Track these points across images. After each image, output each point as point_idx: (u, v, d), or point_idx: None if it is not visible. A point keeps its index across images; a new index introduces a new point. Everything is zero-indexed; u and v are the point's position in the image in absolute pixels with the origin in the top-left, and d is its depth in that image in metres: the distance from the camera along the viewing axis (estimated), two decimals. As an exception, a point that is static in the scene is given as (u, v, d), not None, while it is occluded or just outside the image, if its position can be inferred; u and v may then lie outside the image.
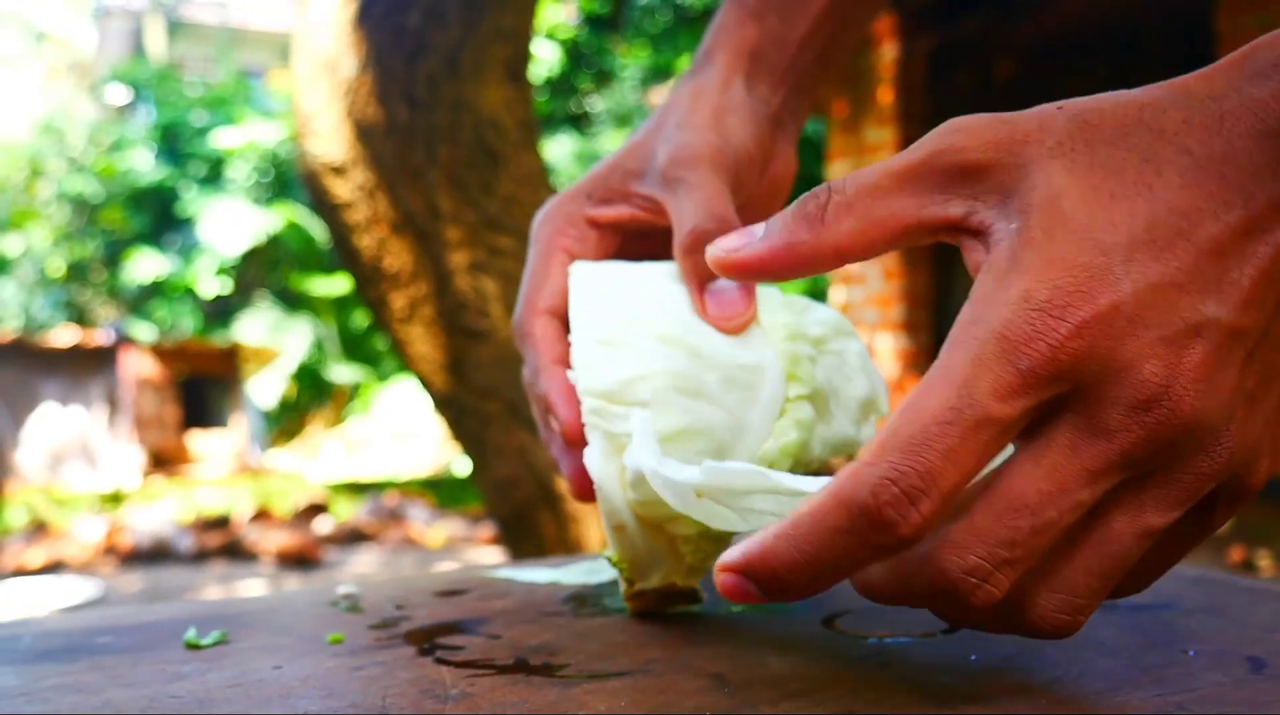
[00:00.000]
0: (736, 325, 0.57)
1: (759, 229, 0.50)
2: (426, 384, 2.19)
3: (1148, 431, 0.39)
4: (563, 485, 1.95)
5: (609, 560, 0.61)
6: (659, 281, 0.60)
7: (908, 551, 0.41)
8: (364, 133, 2.10)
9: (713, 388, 0.55)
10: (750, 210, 0.67)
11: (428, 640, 0.57)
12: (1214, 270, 0.39)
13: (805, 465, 0.59)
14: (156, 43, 18.64)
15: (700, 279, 0.58)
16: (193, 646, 0.58)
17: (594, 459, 0.57)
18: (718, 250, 0.51)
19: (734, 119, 0.66)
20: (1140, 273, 0.39)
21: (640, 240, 0.67)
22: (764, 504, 0.49)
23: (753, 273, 0.49)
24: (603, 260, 0.65)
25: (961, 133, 0.44)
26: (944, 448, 0.39)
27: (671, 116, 0.66)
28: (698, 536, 0.57)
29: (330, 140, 2.13)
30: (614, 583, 0.70)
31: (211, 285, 12.80)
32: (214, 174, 13.41)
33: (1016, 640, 0.52)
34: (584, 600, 0.65)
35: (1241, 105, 0.41)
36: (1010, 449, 0.41)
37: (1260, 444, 0.41)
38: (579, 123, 11.65)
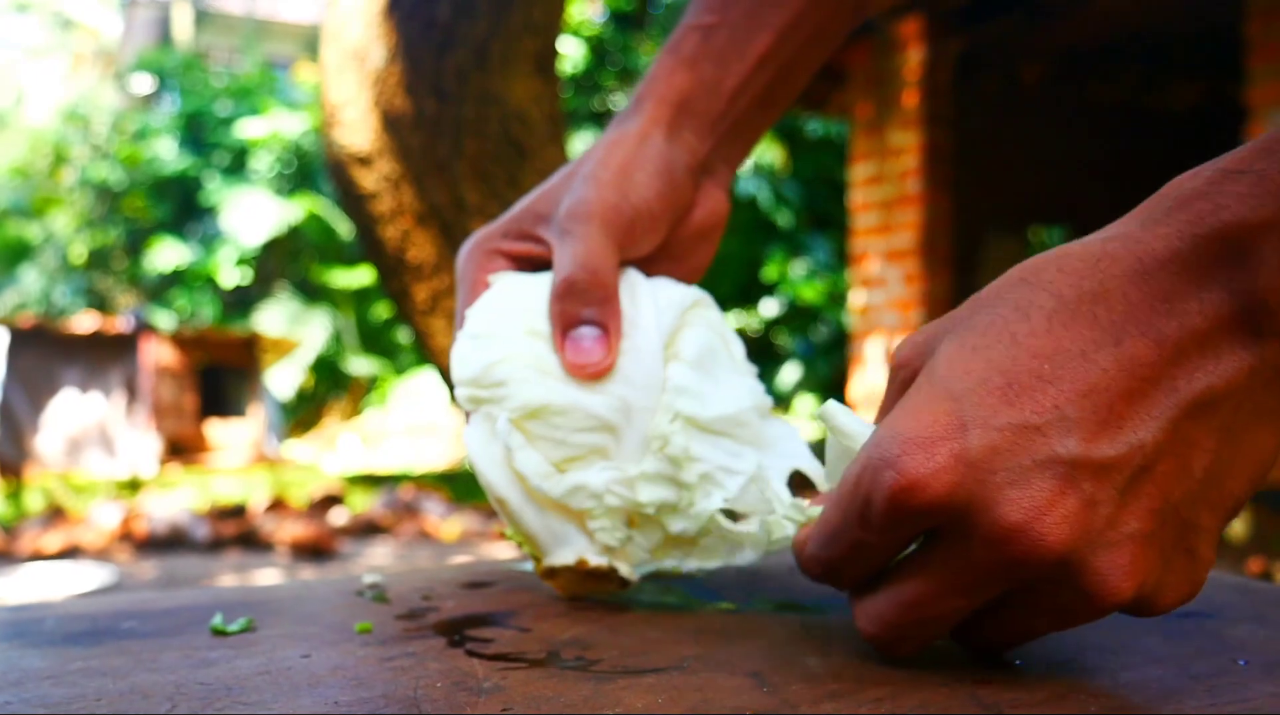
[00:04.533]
0: (591, 373, 0.59)
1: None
2: (447, 377, 2.19)
3: (1008, 562, 0.42)
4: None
5: (505, 535, 0.64)
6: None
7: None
8: (391, 123, 2.10)
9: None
10: (675, 255, 0.70)
11: (457, 632, 0.56)
12: (1079, 410, 0.41)
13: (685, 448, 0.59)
14: (183, 32, 18.71)
15: (565, 325, 0.61)
16: (219, 633, 0.57)
17: (473, 437, 0.60)
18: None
19: (641, 175, 0.67)
20: (989, 417, 0.42)
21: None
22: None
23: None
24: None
25: (901, 346, 0.50)
26: (835, 549, 0.48)
27: (584, 167, 0.68)
28: (606, 515, 0.59)
29: (357, 130, 2.12)
30: (645, 577, 0.69)
31: (232, 275, 12.85)
32: (237, 164, 13.46)
33: (1058, 647, 0.51)
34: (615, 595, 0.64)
35: (1124, 247, 0.42)
36: None
37: (1162, 576, 0.43)
38: (602, 120, 11.64)
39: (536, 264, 0.68)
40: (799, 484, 0.62)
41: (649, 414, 0.59)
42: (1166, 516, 0.42)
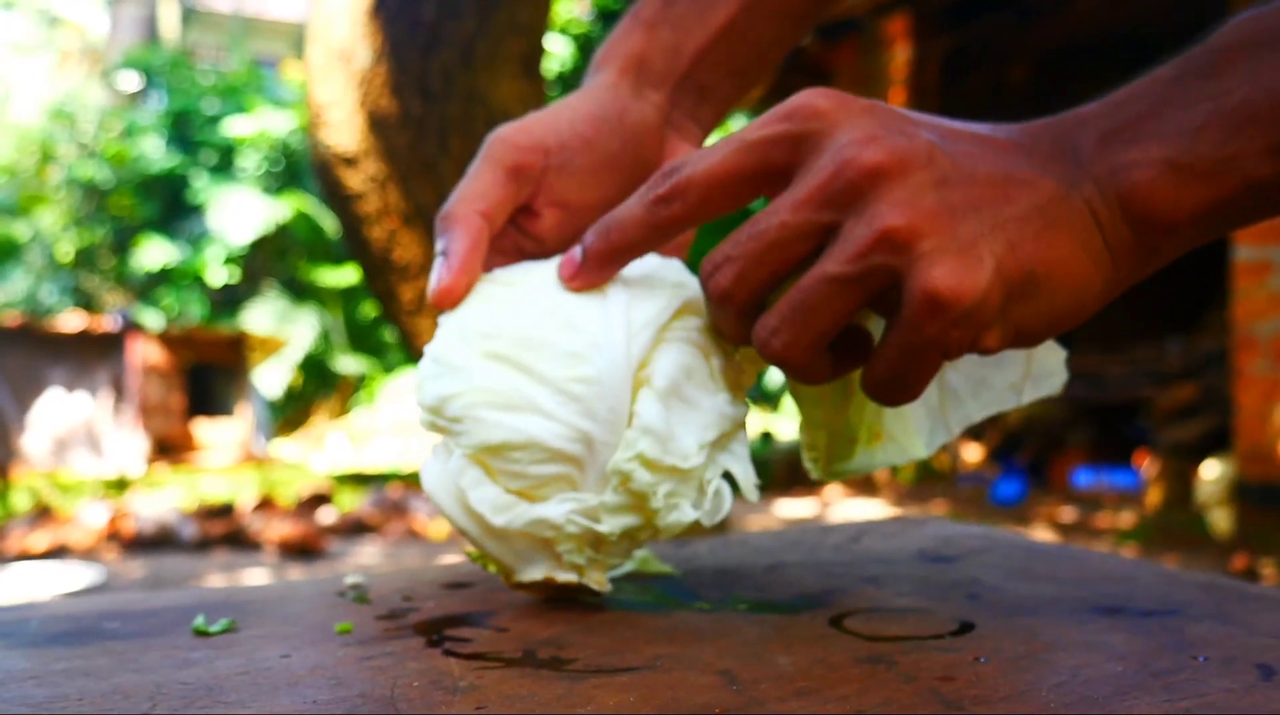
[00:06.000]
0: (433, 303, 0.61)
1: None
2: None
3: (838, 168, 0.49)
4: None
5: (471, 556, 0.63)
6: (533, 295, 0.60)
7: None
8: (377, 124, 2.10)
9: (545, 402, 0.56)
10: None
11: (436, 632, 0.57)
12: (939, 131, 0.52)
13: (652, 483, 0.57)
14: (170, 30, 18.64)
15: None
16: (201, 633, 0.58)
17: (431, 473, 0.60)
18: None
19: (572, 103, 0.70)
20: (882, 105, 0.53)
21: None
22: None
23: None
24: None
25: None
26: (704, 153, 0.54)
27: None
28: (569, 540, 0.58)
29: (343, 131, 2.13)
30: (624, 576, 0.70)
31: (219, 274, 12.81)
32: (224, 162, 13.41)
33: (1024, 644, 0.52)
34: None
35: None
36: None
37: (938, 240, 0.48)
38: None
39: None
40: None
41: (612, 448, 0.57)
42: (967, 211, 0.49)
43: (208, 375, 10.78)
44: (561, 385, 0.56)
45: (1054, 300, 0.50)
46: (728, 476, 0.60)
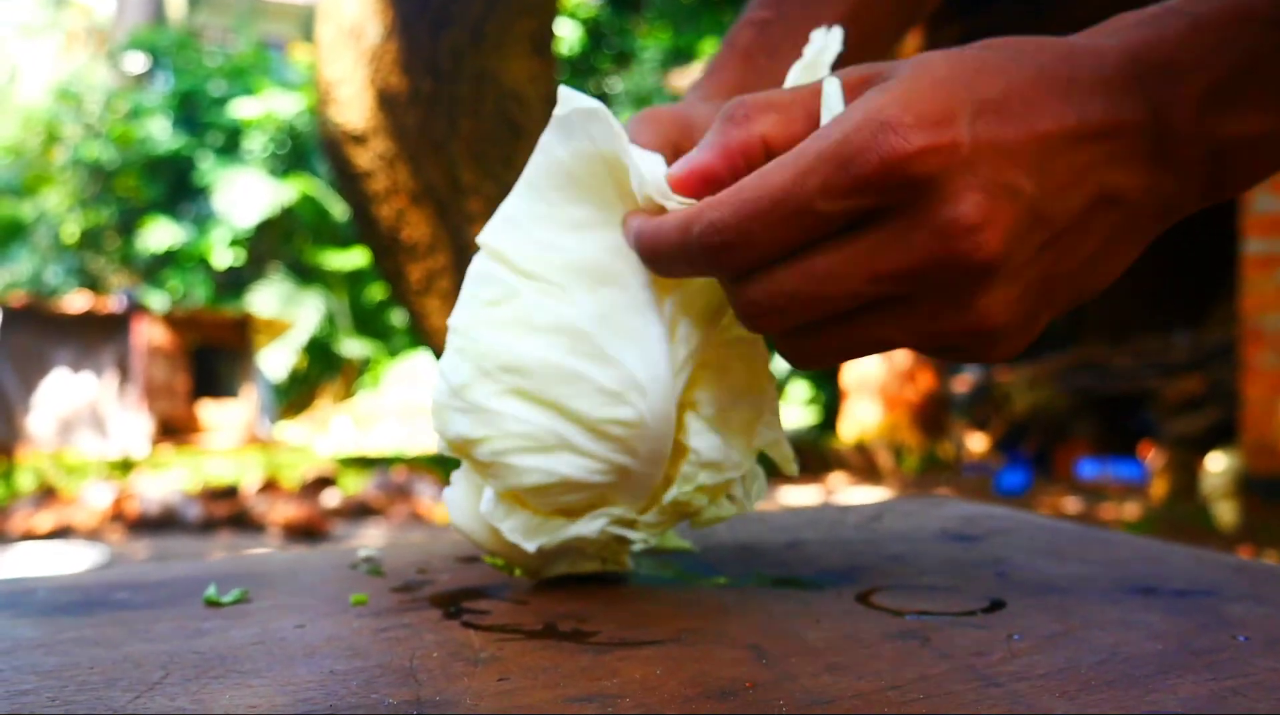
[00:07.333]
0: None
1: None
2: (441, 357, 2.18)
3: (944, 257, 0.44)
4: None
5: (489, 562, 0.62)
6: (558, 309, 0.53)
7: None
8: (386, 102, 2.09)
9: (577, 440, 0.53)
10: None
11: (453, 604, 0.56)
12: (1038, 155, 0.44)
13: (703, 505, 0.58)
14: (177, 10, 18.60)
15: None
16: (213, 603, 0.57)
17: (456, 503, 0.59)
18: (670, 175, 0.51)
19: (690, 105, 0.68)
20: (984, 129, 0.44)
21: None
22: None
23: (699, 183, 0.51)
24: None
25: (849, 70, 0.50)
26: (766, 221, 0.45)
27: None
28: (599, 543, 0.58)
29: (352, 108, 2.11)
30: (643, 551, 0.68)
31: (225, 256, 12.79)
32: (231, 144, 13.39)
33: (1059, 622, 0.51)
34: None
35: (1088, 49, 0.47)
36: None
37: (1020, 327, 0.47)
38: (597, 104, 11.53)
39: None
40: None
41: (649, 476, 0.55)
42: (1046, 283, 0.47)
43: (212, 357, 10.79)
44: (596, 425, 0.52)
45: (1083, 296, 0.49)
46: (762, 458, 0.59)
